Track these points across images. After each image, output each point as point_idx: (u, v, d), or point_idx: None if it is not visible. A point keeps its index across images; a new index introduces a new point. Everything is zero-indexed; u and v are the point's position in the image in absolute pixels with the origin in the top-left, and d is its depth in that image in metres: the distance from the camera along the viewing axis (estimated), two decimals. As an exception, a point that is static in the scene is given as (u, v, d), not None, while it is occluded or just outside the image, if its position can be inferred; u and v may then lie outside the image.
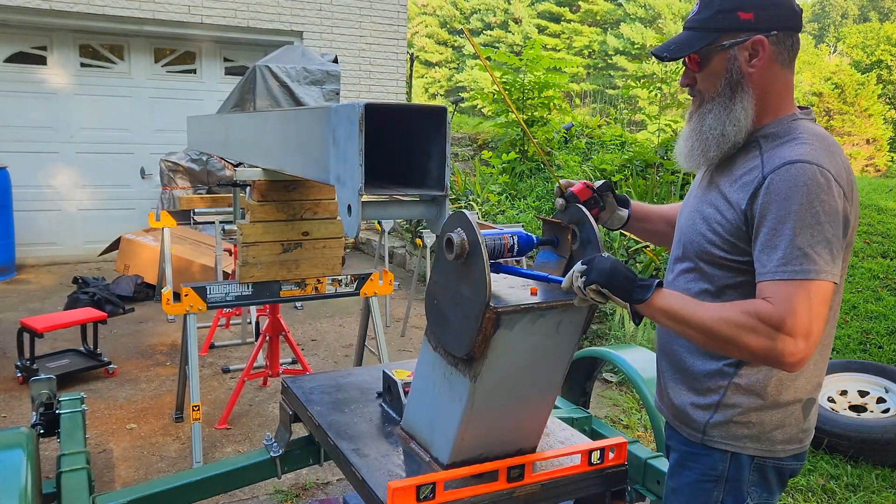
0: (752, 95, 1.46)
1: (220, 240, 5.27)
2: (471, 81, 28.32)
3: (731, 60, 1.46)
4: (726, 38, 1.45)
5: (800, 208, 1.32)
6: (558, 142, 9.15)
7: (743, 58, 1.45)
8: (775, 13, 1.43)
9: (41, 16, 7.13)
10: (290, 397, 2.16)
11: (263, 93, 4.63)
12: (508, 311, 1.47)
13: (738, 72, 1.46)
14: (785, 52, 1.45)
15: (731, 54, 1.45)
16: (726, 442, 1.53)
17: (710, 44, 1.46)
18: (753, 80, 1.45)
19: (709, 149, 1.51)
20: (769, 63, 1.44)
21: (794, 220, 1.32)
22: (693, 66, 1.52)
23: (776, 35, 1.43)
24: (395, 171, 1.94)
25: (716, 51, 1.47)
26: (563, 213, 1.73)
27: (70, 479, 1.95)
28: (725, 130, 1.48)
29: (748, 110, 1.46)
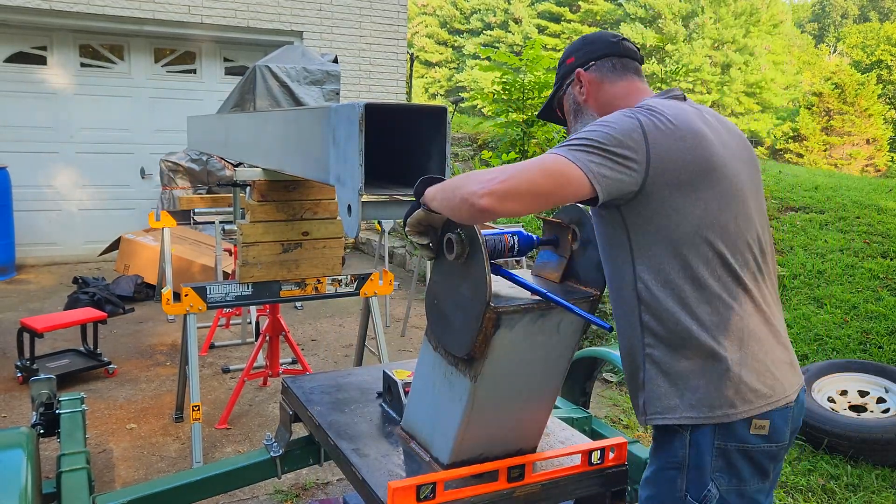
0: (595, 113, 1.70)
1: (220, 240, 5.27)
2: (471, 81, 28.32)
3: (569, 98, 1.77)
4: (565, 83, 1.77)
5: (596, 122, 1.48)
6: (558, 142, 9.15)
7: (576, 91, 1.74)
8: (588, 49, 1.73)
9: (41, 16, 7.13)
10: (291, 397, 2.16)
11: (263, 93, 4.63)
12: (509, 311, 1.48)
13: (575, 102, 1.75)
14: (608, 72, 1.70)
15: (569, 93, 1.76)
16: (662, 416, 1.51)
17: (557, 93, 1.80)
18: (589, 102, 1.72)
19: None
20: (596, 85, 1.71)
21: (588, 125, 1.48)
22: (561, 116, 1.84)
23: (594, 64, 1.71)
24: (395, 171, 1.94)
25: (562, 97, 1.79)
26: (563, 213, 1.73)
27: (70, 479, 1.95)
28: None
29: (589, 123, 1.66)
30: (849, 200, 6.83)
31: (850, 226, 6.23)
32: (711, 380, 1.47)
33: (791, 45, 35.39)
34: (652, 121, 1.45)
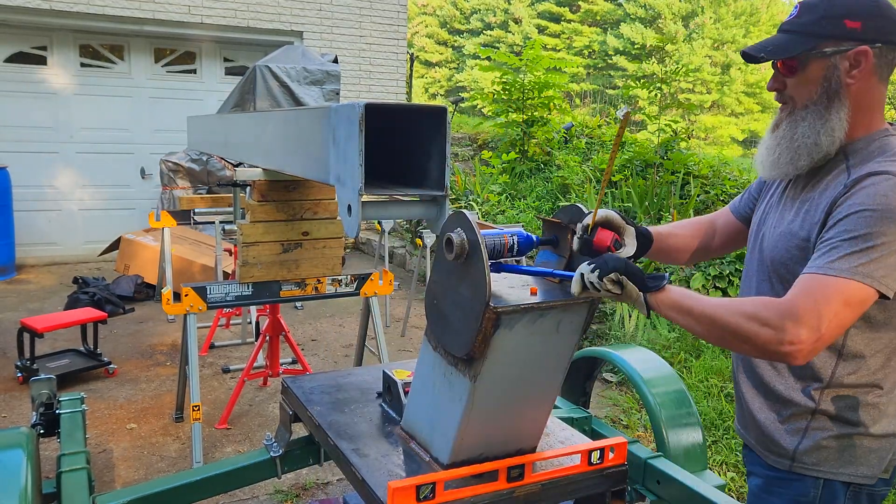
0: (848, 107, 1.42)
1: (221, 240, 5.27)
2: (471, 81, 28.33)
3: (830, 69, 1.41)
4: (828, 45, 1.40)
5: (872, 215, 1.27)
6: (558, 142, 9.15)
7: (843, 67, 1.40)
8: (883, 25, 1.39)
9: (41, 16, 7.14)
10: (290, 397, 2.16)
11: (263, 93, 4.63)
12: (508, 311, 1.48)
13: (838, 81, 1.41)
14: (885, 67, 1.42)
15: (832, 62, 1.41)
16: (818, 469, 1.47)
17: (810, 49, 1.42)
18: (851, 91, 1.41)
19: (799, 157, 1.47)
20: (869, 75, 1.41)
21: (863, 227, 1.27)
22: (786, 70, 1.48)
23: (880, 48, 1.39)
24: (395, 171, 1.94)
25: (815, 57, 1.42)
26: (563, 213, 1.73)
27: (70, 478, 1.95)
28: (819, 140, 1.44)
29: (843, 122, 1.42)
30: (849, 200, 6.81)
31: (850, 226, 6.23)
32: (888, 449, 1.46)
33: (791, 45, 35.33)
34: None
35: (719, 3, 30.56)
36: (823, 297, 1.24)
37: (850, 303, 1.25)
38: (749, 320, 1.26)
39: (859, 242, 1.27)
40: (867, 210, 1.28)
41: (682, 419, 2.43)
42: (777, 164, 1.50)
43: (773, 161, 1.51)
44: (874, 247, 1.26)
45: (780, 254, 1.48)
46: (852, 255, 1.26)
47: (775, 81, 1.51)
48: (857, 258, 1.26)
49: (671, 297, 1.37)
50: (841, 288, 1.24)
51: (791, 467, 1.50)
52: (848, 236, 1.28)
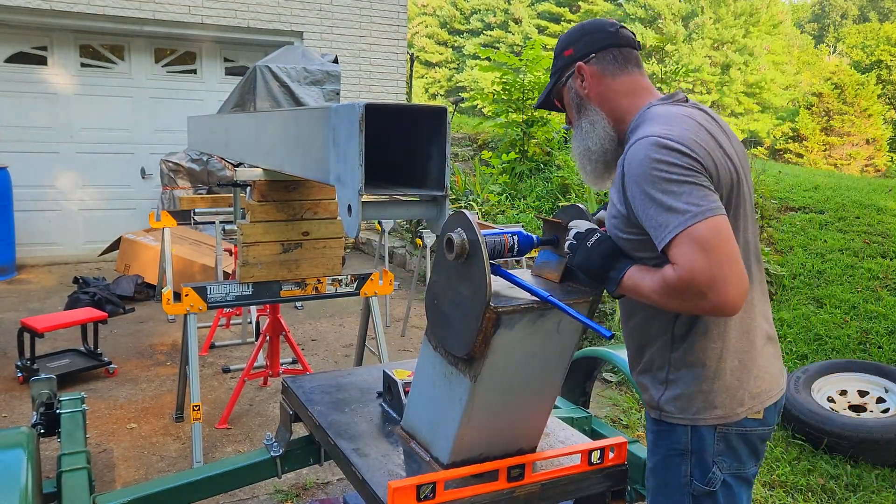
0: (598, 108, 1.67)
1: (221, 240, 5.27)
2: (471, 81, 28.32)
3: (570, 91, 1.72)
4: (564, 75, 1.72)
5: (648, 177, 1.41)
6: (558, 142, 9.16)
7: (577, 84, 1.69)
8: (588, 41, 1.68)
9: (41, 16, 7.13)
10: (291, 397, 2.16)
11: (264, 93, 4.63)
12: (509, 311, 1.48)
13: (577, 96, 1.70)
14: (610, 65, 1.66)
15: (570, 86, 1.71)
16: (681, 416, 1.57)
17: (556, 84, 1.75)
18: (591, 97, 1.68)
19: (584, 166, 1.72)
20: (598, 79, 1.66)
21: (649, 189, 1.41)
22: (560, 107, 1.79)
23: (594, 57, 1.67)
24: (395, 171, 1.95)
25: (561, 89, 1.75)
26: (563, 213, 1.73)
27: (70, 478, 1.95)
28: (587, 145, 1.69)
29: (597, 122, 1.67)
30: (848, 200, 6.82)
31: (850, 226, 6.23)
32: (724, 383, 1.56)
33: (791, 46, 35.38)
34: (686, 146, 1.43)
35: (719, 3, 30.54)
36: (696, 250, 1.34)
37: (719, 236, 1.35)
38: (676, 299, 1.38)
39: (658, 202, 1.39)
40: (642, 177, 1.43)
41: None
42: (586, 181, 1.78)
43: (584, 180, 1.79)
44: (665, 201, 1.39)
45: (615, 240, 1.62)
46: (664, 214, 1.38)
47: (565, 118, 1.81)
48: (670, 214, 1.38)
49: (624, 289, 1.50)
50: (696, 234, 1.34)
51: (661, 416, 1.61)
52: (649, 210, 1.41)
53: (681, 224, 1.35)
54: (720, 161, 1.48)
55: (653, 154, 1.42)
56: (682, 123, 1.49)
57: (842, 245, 5.86)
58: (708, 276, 1.31)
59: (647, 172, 1.41)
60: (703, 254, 1.32)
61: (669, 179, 1.39)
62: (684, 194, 1.37)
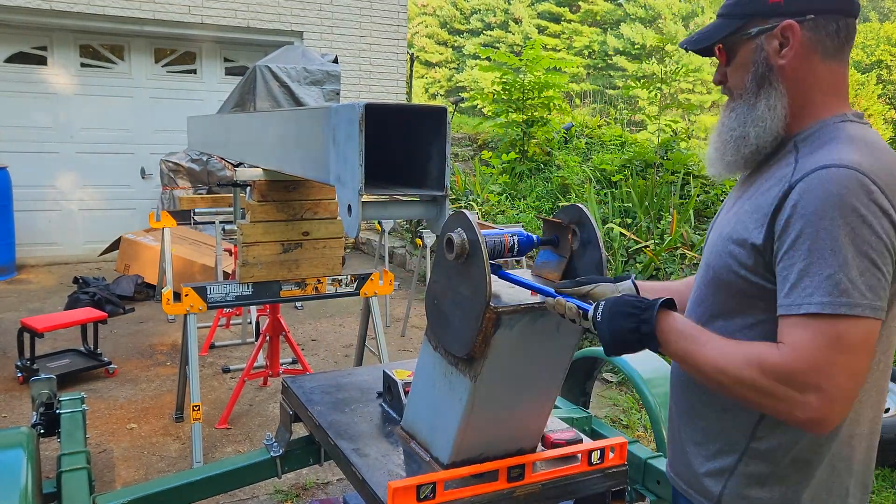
0: (783, 92, 1.24)
1: (221, 240, 5.27)
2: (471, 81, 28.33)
3: (757, 51, 1.26)
4: (754, 24, 1.25)
5: (831, 224, 1.07)
6: (558, 142, 9.16)
7: (772, 48, 1.24)
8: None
9: (41, 16, 7.13)
10: (291, 397, 2.16)
11: (264, 93, 4.63)
12: (509, 311, 1.48)
13: (766, 64, 1.25)
14: (827, 40, 1.21)
15: (758, 44, 1.25)
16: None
17: (735, 32, 1.28)
18: (785, 73, 1.24)
19: (726, 152, 1.32)
20: (805, 53, 1.22)
21: (824, 238, 1.07)
22: (722, 58, 1.34)
23: (812, 20, 1.20)
24: (395, 171, 1.94)
25: (742, 40, 1.27)
26: (564, 213, 1.73)
27: (70, 478, 1.95)
28: (746, 132, 1.28)
29: (776, 109, 1.25)
30: (849, 200, 6.82)
31: (850, 226, 6.23)
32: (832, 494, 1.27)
33: (791, 46, 35.36)
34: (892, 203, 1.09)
35: (719, 3, 30.52)
36: (824, 346, 1.04)
37: (861, 345, 1.05)
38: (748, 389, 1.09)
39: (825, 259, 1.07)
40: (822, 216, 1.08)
41: (682, 419, 2.43)
42: (711, 160, 1.36)
43: (709, 157, 1.37)
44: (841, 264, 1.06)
45: (715, 259, 1.29)
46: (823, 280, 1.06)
47: (717, 73, 1.37)
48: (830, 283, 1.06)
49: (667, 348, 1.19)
50: (840, 330, 1.04)
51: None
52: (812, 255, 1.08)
53: (834, 305, 1.04)
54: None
55: (857, 197, 1.07)
56: (888, 166, 1.13)
57: (842, 245, 5.86)
58: (823, 381, 1.02)
59: (831, 215, 1.07)
60: (834, 354, 1.03)
61: (856, 241, 1.06)
62: (865, 272, 1.05)
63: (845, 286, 1.04)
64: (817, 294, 1.05)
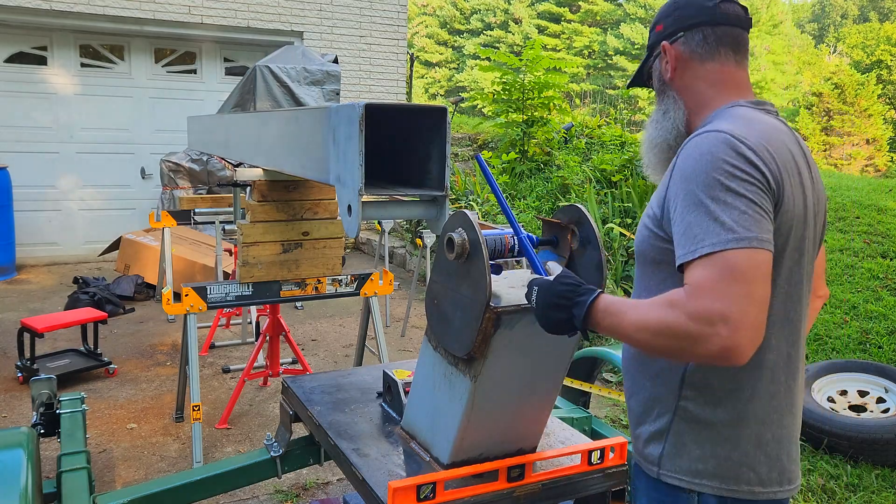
0: (678, 97, 1.47)
1: (221, 240, 5.27)
2: (471, 81, 28.32)
3: (656, 72, 1.53)
4: (653, 54, 1.53)
5: (706, 177, 1.20)
6: (558, 142, 9.16)
7: (663, 67, 1.49)
8: (679, 16, 1.47)
9: (41, 16, 7.14)
10: (291, 397, 2.16)
11: (264, 93, 4.63)
12: (509, 311, 1.48)
13: (661, 80, 1.51)
14: (698, 48, 1.43)
15: (656, 66, 1.53)
16: (681, 478, 1.34)
17: (646, 63, 1.57)
18: (675, 83, 1.48)
19: (643, 155, 1.55)
20: (683, 63, 1.45)
21: (702, 191, 1.19)
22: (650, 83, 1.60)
23: (682, 37, 1.45)
24: (395, 171, 1.95)
25: (650, 68, 1.56)
26: (563, 213, 1.73)
27: (70, 478, 1.95)
28: (650, 134, 1.52)
29: (669, 112, 1.48)
30: (848, 200, 6.82)
31: (850, 226, 6.23)
32: (745, 449, 1.33)
33: (791, 46, 35.39)
34: (760, 156, 1.22)
35: (719, 3, 30.49)
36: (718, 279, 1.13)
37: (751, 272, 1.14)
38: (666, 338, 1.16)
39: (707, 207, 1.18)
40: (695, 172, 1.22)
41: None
42: (644, 167, 1.58)
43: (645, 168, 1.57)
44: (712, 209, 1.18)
45: (636, 240, 1.44)
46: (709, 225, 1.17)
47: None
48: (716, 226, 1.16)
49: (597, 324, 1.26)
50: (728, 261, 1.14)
51: (658, 475, 1.38)
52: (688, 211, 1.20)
53: (720, 243, 1.14)
54: (793, 191, 1.26)
55: (718, 152, 1.21)
56: (764, 132, 1.27)
57: (842, 245, 5.86)
58: (726, 308, 1.10)
59: (702, 167, 1.21)
60: (730, 283, 1.11)
61: (727, 187, 1.18)
62: (738, 211, 1.16)
63: (729, 225, 1.16)
64: (707, 238, 1.16)
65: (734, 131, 1.24)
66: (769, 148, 1.25)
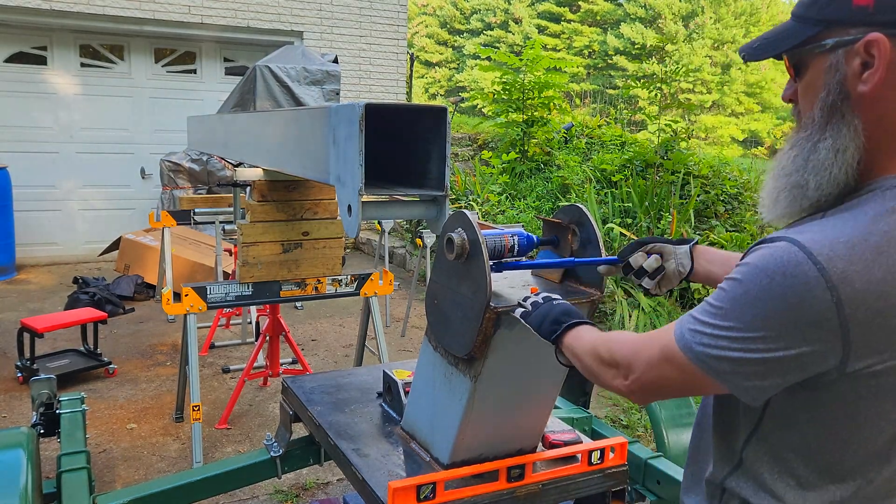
0: (859, 130, 0.94)
1: (221, 240, 5.27)
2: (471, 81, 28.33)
3: (831, 70, 0.96)
4: (832, 34, 0.95)
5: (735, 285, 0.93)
6: (558, 142, 9.16)
7: (851, 67, 0.94)
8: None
9: (41, 16, 7.13)
10: (291, 397, 2.16)
11: (264, 93, 4.64)
12: (509, 311, 1.48)
13: (841, 89, 0.95)
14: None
15: (834, 60, 0.95)
16: None
17: (807, 42, 0.98)
18: (865, 102, 0.94)
19: (778, 201, 1.03)
20: (895, 77, 0.91)
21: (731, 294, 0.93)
22: (790, 71, 1.05)
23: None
24: (395, 171, 1.94)
25: (814, 53, 0.98)
26: (564, 213, 1.73)
27: (70, 478, 1.95)
28: (805, 179, 0.99)
29: (845, 153, 0.95)
30: (849, 200, 6.82)
31: (850, 226, 6.23)
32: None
33: (791, 45, 35.34)
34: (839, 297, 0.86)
35: (719, 3, 30.56)
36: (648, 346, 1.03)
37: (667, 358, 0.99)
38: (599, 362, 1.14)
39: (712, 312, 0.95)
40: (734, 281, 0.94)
41: (682, 419, 2.43)
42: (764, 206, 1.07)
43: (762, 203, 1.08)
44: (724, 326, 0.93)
45: None
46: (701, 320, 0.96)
47: (787, 88, 1.08)
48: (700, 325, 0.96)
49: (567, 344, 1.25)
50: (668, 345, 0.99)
51: None
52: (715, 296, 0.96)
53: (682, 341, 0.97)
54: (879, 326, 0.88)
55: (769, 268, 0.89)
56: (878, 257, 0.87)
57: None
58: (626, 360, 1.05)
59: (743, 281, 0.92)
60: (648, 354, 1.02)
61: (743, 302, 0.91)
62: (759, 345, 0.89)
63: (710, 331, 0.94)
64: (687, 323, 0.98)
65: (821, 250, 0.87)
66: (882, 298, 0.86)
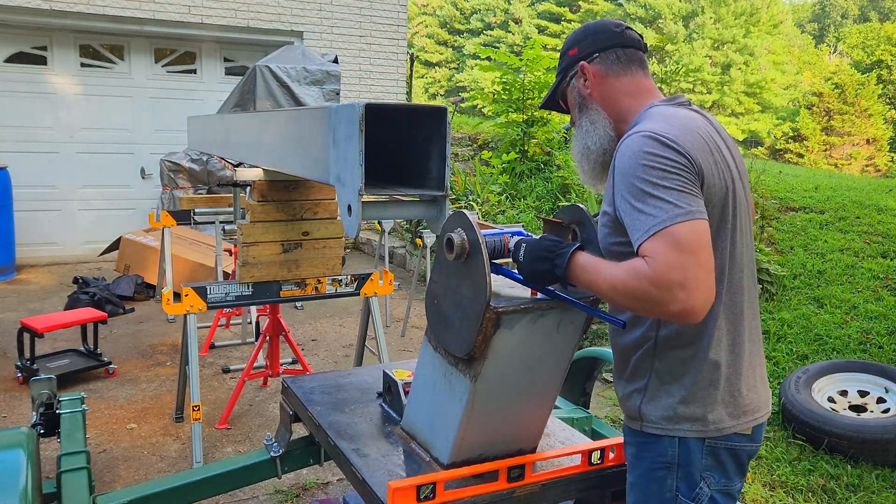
0: (599, 108, 1.67)
1: (221, 240, 5.27)
2: (471, 81, 28.33)
3: (573, 90, 1.72)
4: (567, 75, 1.72)
5: (636, 168, 1.41)
6: (558, 142, 9.15)
7: (580, 84, 1.69)
8: (593, 40, 1.68)
9: (41, 16, 7.13)
10: (291, 397, 2.16)
11: (264, 93, 4.64)
12: (509, 311, 1.48)
13: (580, 95, 1.70)
14: (613, 65, 1.66)
15: (573, 85, 1.72)
16: (661, 426, 1.52)
17: (560, 84, 1.75)
18: (594, 96, 1.68)
19: (582, 165, 1.72)
20: (601, 78, 1.66)
21: (638, 182, 1.39)
22: (564, 107, 1.79)
23: (598, 57, 1.67)
24: (395, 171, 1.94)
25: (565, 88, 1.75)
26: (564, 213, 1.73)
27: (70, 478, 1.95)
28: (586, 143, 1.68)
29: (597, 121, 1.67)
30: (849, 200, 6.83)
31: (850, 226, 6.23)
32: (711, 394, 1.51)
33: (791, 46, 35.39)
34: (678, 144, 1.42)
35: (719, 3, 30.55)
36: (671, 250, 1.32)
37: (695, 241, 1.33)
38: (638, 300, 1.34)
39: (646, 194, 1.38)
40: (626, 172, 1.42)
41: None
42: (584, 181, 1.76)
43: (581, 181, 1.77)
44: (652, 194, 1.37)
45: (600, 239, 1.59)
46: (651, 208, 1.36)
47: (570, 119, 1.78)
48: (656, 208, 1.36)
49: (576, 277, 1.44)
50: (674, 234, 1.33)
51: (642, 427, 1.55)
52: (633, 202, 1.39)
53: (662, 222, 1.34)
54: (713, 168, 1.46)
55: (644, 147, 1.41)
56: (680, 123, 1.49)
57: (842, 245, 5.86)
58: (681, 276, 1.29)
59: (636, 164, 1.41)
60: (680, 253, 1.30)
61: (660, 175, 1.38)
62: (671, 191, 1.37)
63: (668, 205, 1.35)
64: (652, 219, 1.35)
65: (656, 129, 1.45)
66: (685, 136, 1.45)
